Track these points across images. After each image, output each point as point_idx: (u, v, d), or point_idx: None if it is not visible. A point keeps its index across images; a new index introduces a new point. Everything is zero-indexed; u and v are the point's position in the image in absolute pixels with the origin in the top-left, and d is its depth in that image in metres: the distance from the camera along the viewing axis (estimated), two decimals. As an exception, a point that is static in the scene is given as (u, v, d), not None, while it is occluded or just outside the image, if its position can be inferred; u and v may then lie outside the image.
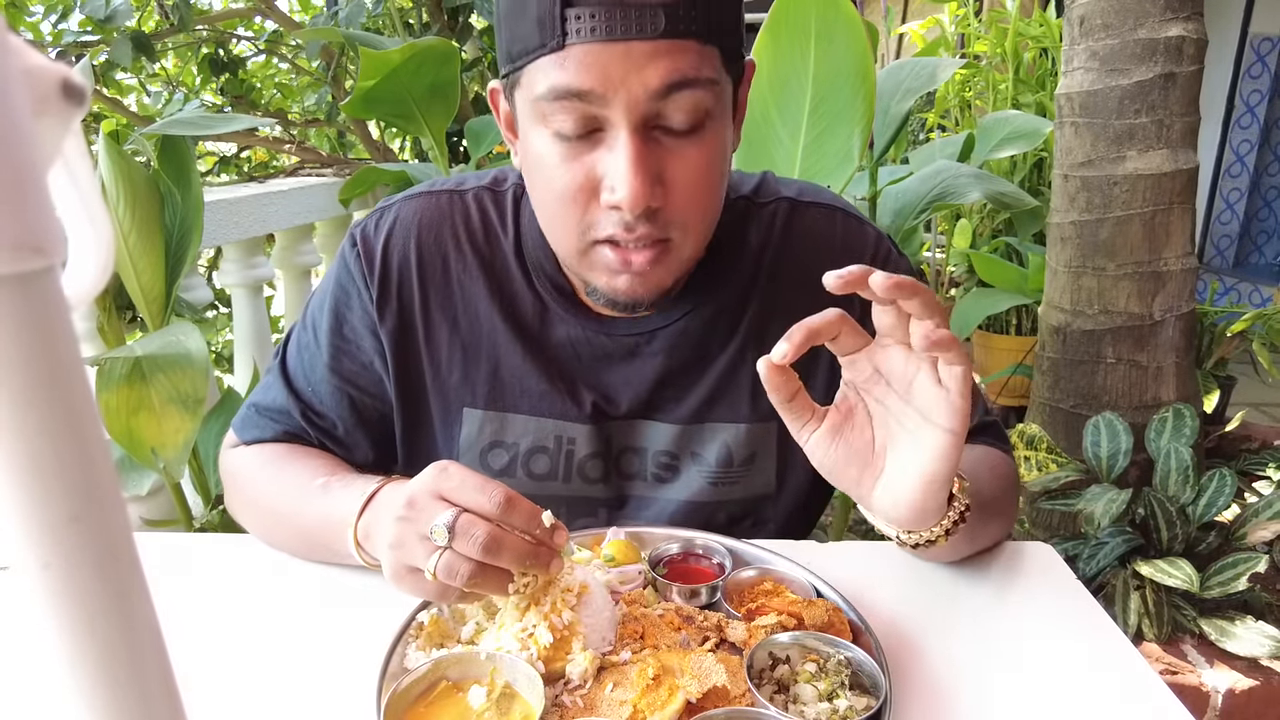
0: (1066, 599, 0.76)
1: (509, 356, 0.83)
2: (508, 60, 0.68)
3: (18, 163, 0.18)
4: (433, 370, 0.85)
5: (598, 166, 0.67)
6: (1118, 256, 1.87)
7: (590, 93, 0.63)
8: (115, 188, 1.52)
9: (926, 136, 4.15)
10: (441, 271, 0.83)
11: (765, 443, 0.86)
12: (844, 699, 0.58)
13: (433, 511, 0.59)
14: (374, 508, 0.69)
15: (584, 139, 0.67)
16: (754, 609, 0.68)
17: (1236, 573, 1.49)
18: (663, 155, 0.67)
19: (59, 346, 0.19)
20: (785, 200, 0.86)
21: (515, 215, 0.84)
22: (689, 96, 0.65)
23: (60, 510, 0.19)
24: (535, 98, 0.66)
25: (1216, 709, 1.47)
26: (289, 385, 0.88)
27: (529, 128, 0.70)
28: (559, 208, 0.70)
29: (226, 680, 0.65)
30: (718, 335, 0.84)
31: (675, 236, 0.71)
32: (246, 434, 0.90)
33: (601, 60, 0.62)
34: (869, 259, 0.84)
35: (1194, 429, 1.71)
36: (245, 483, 0.87)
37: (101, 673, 0.21)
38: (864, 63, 1.63)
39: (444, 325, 0.84)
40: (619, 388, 0.84)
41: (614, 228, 0.69)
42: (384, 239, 0.84)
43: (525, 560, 0.59)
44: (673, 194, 0.68)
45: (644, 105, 0.64)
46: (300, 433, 0.88)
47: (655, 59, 0.63)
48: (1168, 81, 1.79)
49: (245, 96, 3.09)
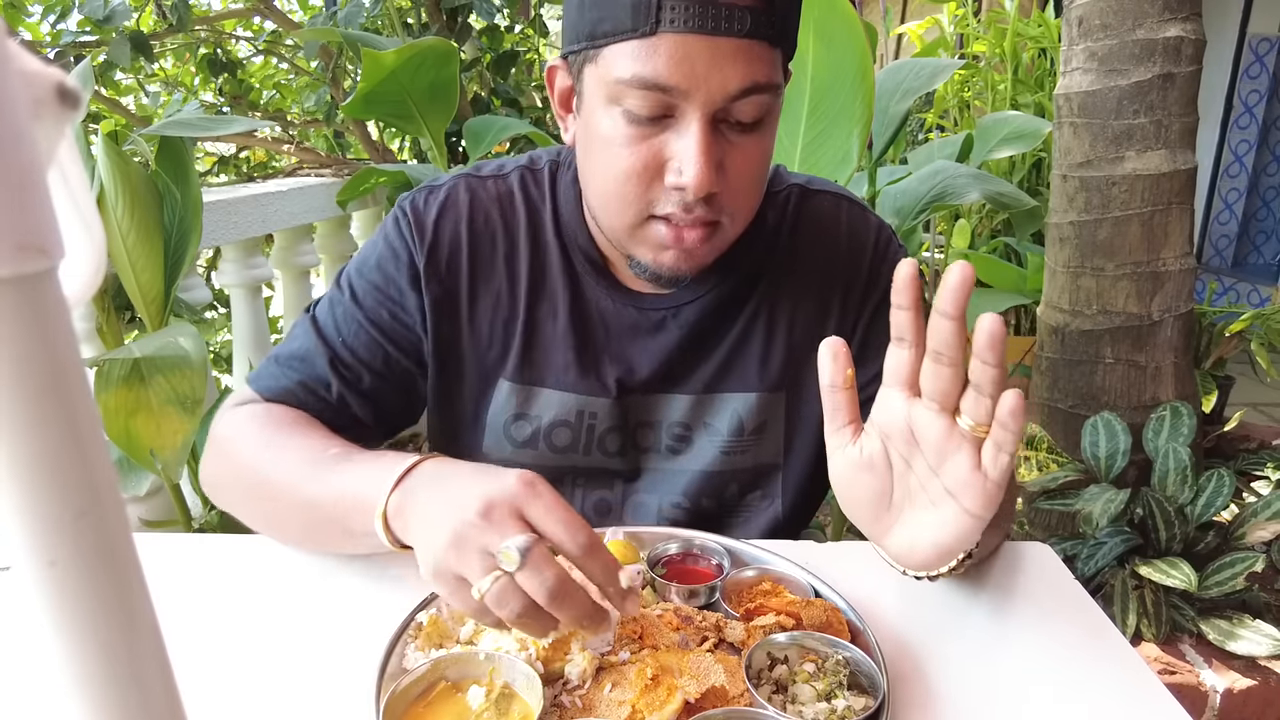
0: (1064, 599, 0.76)
1: (542, 330, 0.87)
2: (586, 38, 0.70)
3: (20, 166, 0.18)
4: (473, 343, 0.87)
5: (665, 149, 0.71)
6: (1116, 257, 1.88)
7: (674, 84, 0.67)
8: (114, 188, 1.52)
9: (925, 137, 4.15)
10: (489, 252, 0.86)
11: (775, 412, 0.89)
12: (842, 699, 0.58)
13: (508, 529, 0.54)
14: (412, 485, 0.64)
15: (655, 121, 0.70)
16: (752, 609, 0.68)
17: (1235, 572, 1.49)
18: (725, 147, 0.72)
19: (61, 345, 0.19)
20: (797, 187, 0.92)
21: (552, 192, 0.88)
22: (757, 100, 0.70)
23: (66, 506, 0.19)
24: (614, 79, 0.69)
25: (1215, 708, 1.47)
26: (318, 333, 0.85)
27: (597, 104, 0.72)
28: (620, 183, 0.73)
29: (224, 681, 0.65)
30: (734, 309, 0.88)
31: (725, 221, 0.76)
32: (260, 383, 0.86)
33: (689, 53, 0.66)
34: (872, 245, 0.89)
35: (1192, 429, 1.71)
36: (238, 447, 0.80)
37: (104, 670, 0.21)
38: (863, 63, 1.63)
39: (487, 301, 0.86)
40: (641, 361, 0.87)
41: (673, 207, 0.73)
42: (435, 215, 0.86)
43: (583, 621, 0.54)
44: (729, 183, 0.73)
45: (719, 101, 0.68)
46: (319, 384, 0.84)
47: (736, 58, 0.67)
48: (1166, 82, 1.79)
49: (244, 97, 3.09)
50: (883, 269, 0.88)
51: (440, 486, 0.62)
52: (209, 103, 3.14)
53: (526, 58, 3.54)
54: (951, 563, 0.64)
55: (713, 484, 0.88)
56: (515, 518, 0.55)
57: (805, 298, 0.88)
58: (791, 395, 0.89)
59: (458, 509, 0.56)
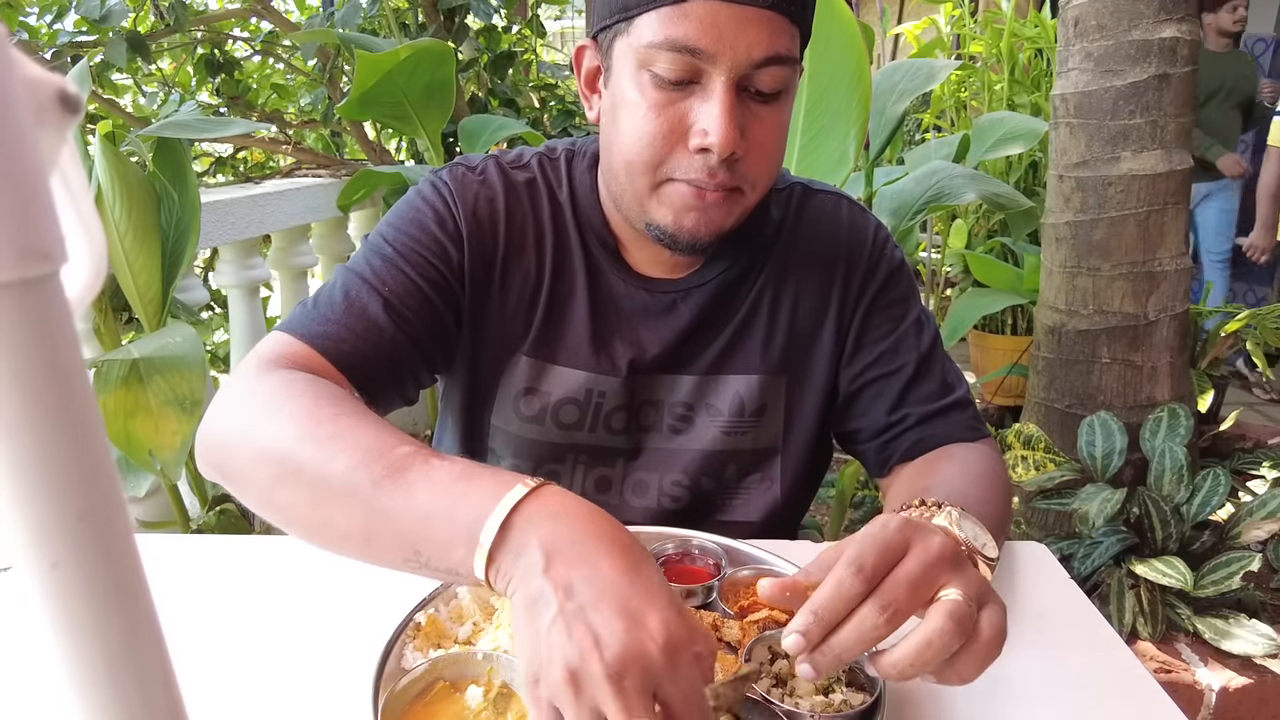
0: (1060, 598, 0.77)
1: (561, 310, 0.89)
2: (619, 10, 0.74)
3: (24, 171, 0.18)
4: (500, 315, 0.88)
5: (691, 114, 0.74)
6: (1112, 257, 1.88)
7: (703, 47, 0.71)
8: (111, 189, 1.52)
9: (922, 137, 4.16)
10: (520, 231, 0.88)
11: (775, 395, 0.91)
12: (840, 694, 0.58)
13: (633, 706, 0.44)
14: (536, 528, 0.51)
15: (680, 86, 0.73)
16: (746, 606, 0.69)
17: (1230, 571, 1.50)
18: (746, 114, 0.75)
19: (64, 348, 0.20)
20: (799, 185, 0.96)
21: (569, 179, 0.91)
22: (778, 71, 0.73)
23: (69, 508, 0.19)
24: (645, 44, 0.72)
25: (1210, 707, 1.48)
26: (364, 281, 0.80)
27: (626, 71, 0.75)
28: (644, 145, 0.75)
29: (223, 681, 0.65)
30: (739, 294, 0.91)
31: (745, 188, 0.78)
32: (299, 327, 0.76)
33: (718, 19, 0.70)
34: (869, 243, 0.92)
35: (1189, 429, 1.71)
36: (273, 418, 0.64)
37: (106, 670, 0.21)
38: (859, 64, 1.64)
39: (516, 277, 0.88)
40: (651, 342, 0.89)
41: (696, 172, 0.75)
42: (475, 188, 0.87)
43: None
44: (750, 149, 0.76)
45: (744, 67, 0.72)
46: (372, 329, 0.77)
47: (760, 26, 0.71)
48: (1162, 82, 1.80)
49: (241, 97, 3.09)
50: (880, 262, 0.92)
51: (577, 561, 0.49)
52: (206, 103, 3.14)
53: (524, 58, 3.54)
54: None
55: (712, 464, 0.90)
56: (646, 694, 0.45)
57: (807, 285, 0.91)
58: (793, 379, 0.91)
59: (589, 640, 0.45)
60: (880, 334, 0.90)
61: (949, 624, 0.49)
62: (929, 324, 0.93)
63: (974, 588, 0.52)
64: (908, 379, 0.88)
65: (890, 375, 0.89)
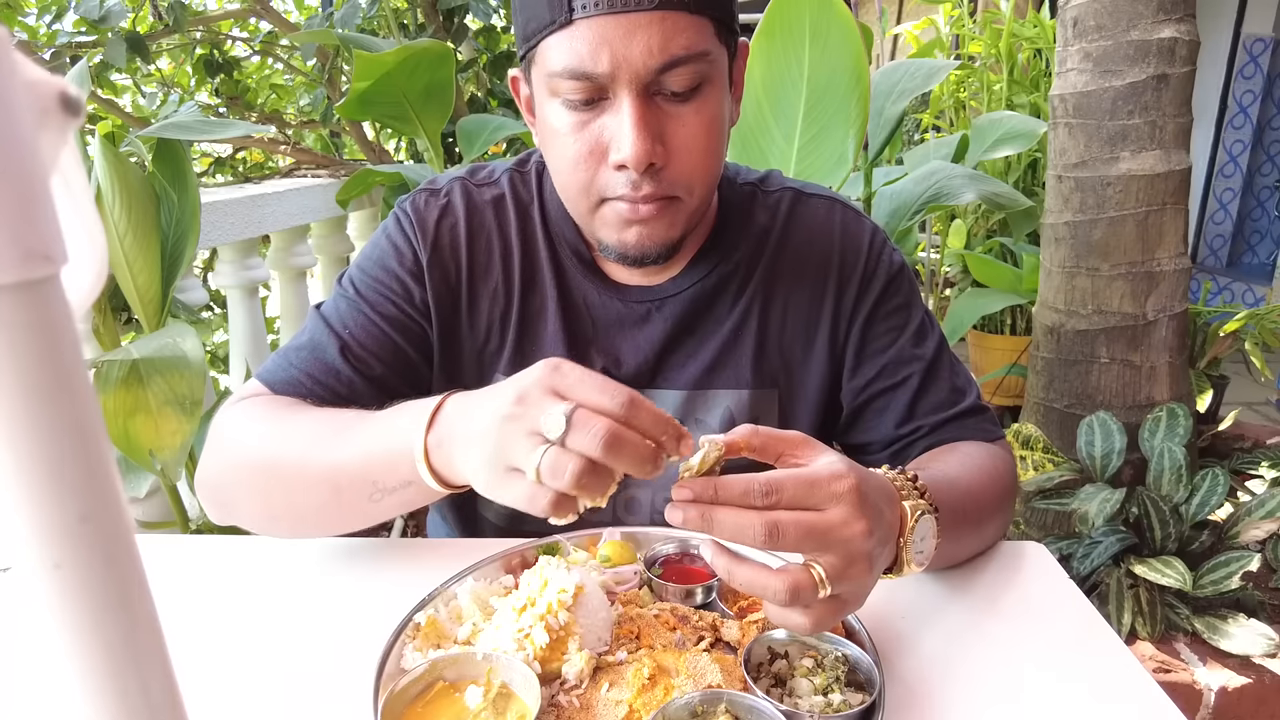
0: (1059, 598, 0.77)
1: (534, 325, 0.89)
2: (523, 41, 0.75)
3: (26, 174, 0.18)
4: (472, 337, 0.89)
5: (605, 131, 0.73)
6: (1111, 257, 1.88)
7: (597, 70, 0.70)
8: (111, 190, 1.52)
9: (921, 137, 4.16)
10: (486, 252, 0.89)
11: (768, 409, 0.90)
12: (839, 694, 0.59)
13: (545, 406, 0.54)
14: (445, 418, 0.63)
15: (592, 106, 0.73)
16: (745, 605, 0.69)
17: (1229, 571, 1.50)
18: (663, 118, 0.73)
19: (65, 350, 0.20)
20: (790, 190, 0.93)
21: (539, 190, 0.91)
22: (686, 69, 0.71)
23: (70, 510, 0.19)
24: (548, 72, 0.72)
25: (1209, 707, 1.48)
26: (327, 326, 0.86)
27: (543, 100, 0.76)
28: (572, 171, 0.76)
29: (224, 681, 0.65)
30: (723, 304, 0.89)
31: (680, 194, 0.77)
32: (268, 375, 0.85)
33: (606, 35, 0.69)
34: (865, 250, 0.90)
35: (1187, 428, 1.72)
36: (244, 436, 0.78)
37: (107, 671, 0.21)
38: (858, 64, 1.64)
39: (485, 298, 0.89)
40: (628, 353, 0.89)
41: (623, 188, 0.75)
42: (436, 216, 0.88)
43: (645, 463, 0.53)
44: (674, 154, 0.74)
45: (645, 76, 0.70)
46: (328, 373, 0.84)
47: (651, 31, 0.69)
48: (1160, 82, 1.80)
49: (240, 97, 3.09)
50: (878, 270, 0.89)
51: (471, 408, 0.61)
52: (205, 103, 3.14)
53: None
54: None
55: None
56: (550, 394, 0.55)
57: (798, 297, 0.89)
58: (785, 393, 0.90)
59: (493, 412, 0.56)
60: (882, 345, 0.89)
61: (780, 586, 0.54)
62: (933, 329, 0.91)
63: (842, 571, 0.55)
64: (914, 390, 0.87)
65: (896, 388, 0.87)
